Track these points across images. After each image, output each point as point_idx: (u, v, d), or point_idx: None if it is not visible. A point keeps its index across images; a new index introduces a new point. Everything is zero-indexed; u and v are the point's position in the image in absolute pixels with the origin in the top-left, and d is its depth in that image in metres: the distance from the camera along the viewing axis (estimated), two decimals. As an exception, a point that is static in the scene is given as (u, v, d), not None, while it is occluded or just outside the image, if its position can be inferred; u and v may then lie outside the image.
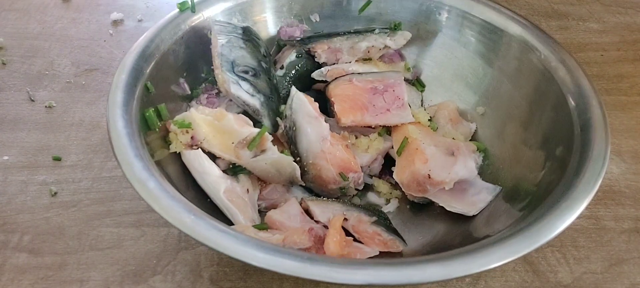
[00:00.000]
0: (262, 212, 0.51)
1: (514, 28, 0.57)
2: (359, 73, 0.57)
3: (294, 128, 0.51)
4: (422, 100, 0.63)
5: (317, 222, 0.49)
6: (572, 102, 0.50)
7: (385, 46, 0.61)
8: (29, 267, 0.47)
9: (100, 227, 0.51)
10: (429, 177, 0.48)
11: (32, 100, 0.64)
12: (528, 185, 0.49)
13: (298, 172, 0.51)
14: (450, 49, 0.62)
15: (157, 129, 0.49)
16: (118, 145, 0.42)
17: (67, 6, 0.80)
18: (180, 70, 0.55)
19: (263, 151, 0.49)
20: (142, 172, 0.40)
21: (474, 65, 0.61)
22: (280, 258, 0.36)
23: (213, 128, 0.50)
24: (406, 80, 0.61)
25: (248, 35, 0.57)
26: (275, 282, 0.48)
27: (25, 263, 0.48)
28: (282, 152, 0.51)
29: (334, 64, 0.60)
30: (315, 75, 0.60)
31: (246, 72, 0.54)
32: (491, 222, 0.48)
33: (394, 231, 0.49)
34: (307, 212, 0.51)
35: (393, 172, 0.54)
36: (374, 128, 0.56)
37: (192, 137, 0.49)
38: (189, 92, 0.56)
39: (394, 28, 0.62)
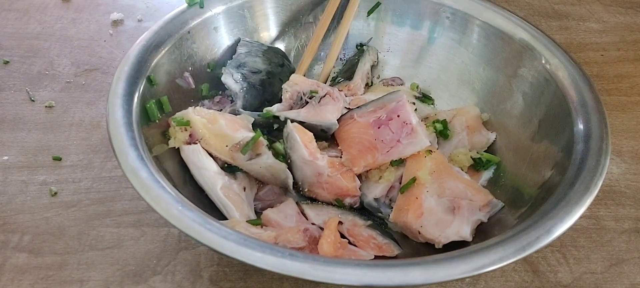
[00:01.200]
0: (258, 213, 0.51)
1: (518, 32, 0.57)
2: (358, 107, 0.53)
3: (290, 161, 0.51)
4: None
5: (313, 224, 0.49)
6: (572, 105, 0.49)
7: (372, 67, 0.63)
8: (29, 267, 0.47)
9: (100, 227, 0.51)
10: (419, 233, 0.47)
11: (32, 100, 0.64)
12: (529, 189, 0.48)
13: (290, 181, 0.50)
14: (455, 53, 0.62)
15: (157, 120, 0.49)
16: (115, 133, 0.43)
17: (67, 6, 0.80)
18: (186, 64, 0.56)
19: (258, 155, 0.49)
20: (135, 161, 0.41)
21: (479, 70, 0.60)
22: (259, 253, 0.35)
23: (208, 130, 0.50)
24: (416, 97, 0.60)
25: (270, 50, 0.60)
26: (275, 282, 0.48)
27: (25, 263, 0.48)
28: (278, 157, 0.50)
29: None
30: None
31: (251, 71, 0.57)
32: (490, 226, 0.48)
33: (389, 235, 0.49)
34: (304, 213, 0.50)
35: None
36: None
37: (190, 135, 0.49)
38: (193, 86, 0.56)
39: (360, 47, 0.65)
